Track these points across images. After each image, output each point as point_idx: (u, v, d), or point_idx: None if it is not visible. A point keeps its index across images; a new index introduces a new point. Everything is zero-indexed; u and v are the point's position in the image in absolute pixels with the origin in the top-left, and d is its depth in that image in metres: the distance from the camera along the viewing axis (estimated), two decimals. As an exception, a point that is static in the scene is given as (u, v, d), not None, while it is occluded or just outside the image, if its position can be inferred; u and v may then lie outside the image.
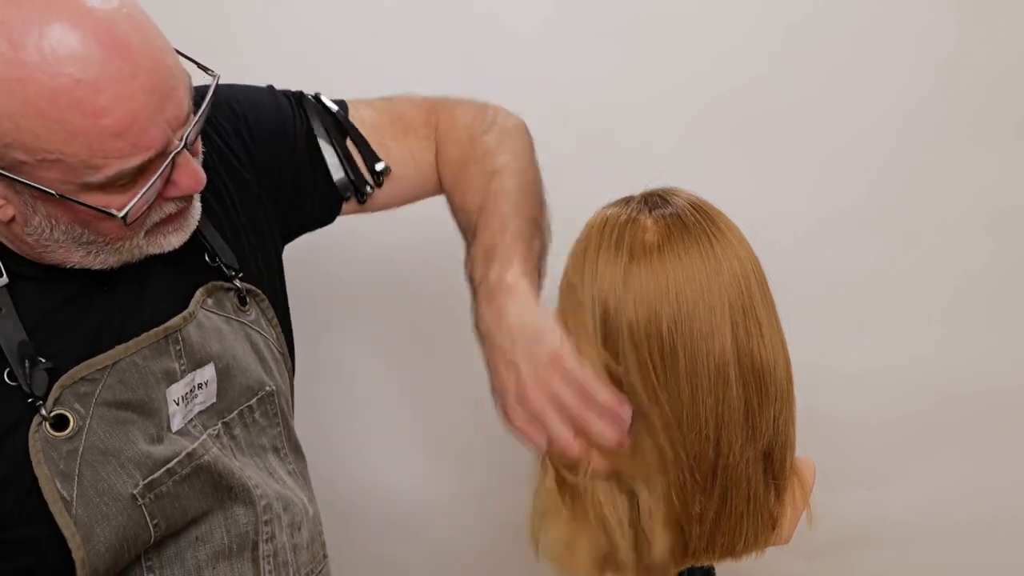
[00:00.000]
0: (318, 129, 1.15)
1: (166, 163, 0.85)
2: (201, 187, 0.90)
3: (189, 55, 0.89)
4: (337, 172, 1.15)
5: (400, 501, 1.69)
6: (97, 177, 0.83)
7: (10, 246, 0.90)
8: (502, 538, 1.68)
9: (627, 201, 0.94)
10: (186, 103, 0.87)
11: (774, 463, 0.91)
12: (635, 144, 1.50)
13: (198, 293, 1.01)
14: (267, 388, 1.07)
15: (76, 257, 0.90)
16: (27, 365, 0.88)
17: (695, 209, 0.90)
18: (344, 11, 1.46)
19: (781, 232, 1.45)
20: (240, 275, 1.05)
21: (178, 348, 0.98)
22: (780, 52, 1.48)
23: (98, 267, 0.91)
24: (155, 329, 0.97)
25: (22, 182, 0.82)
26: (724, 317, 0.86)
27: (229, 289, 1.04)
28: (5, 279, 0.89)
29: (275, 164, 1.11)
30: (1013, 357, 1.59)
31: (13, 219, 0.87)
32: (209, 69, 0.91)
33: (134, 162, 0.83)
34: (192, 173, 0.89)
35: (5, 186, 0.84)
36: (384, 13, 1.47)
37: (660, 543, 0.91)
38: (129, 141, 0.82)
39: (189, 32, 0.95)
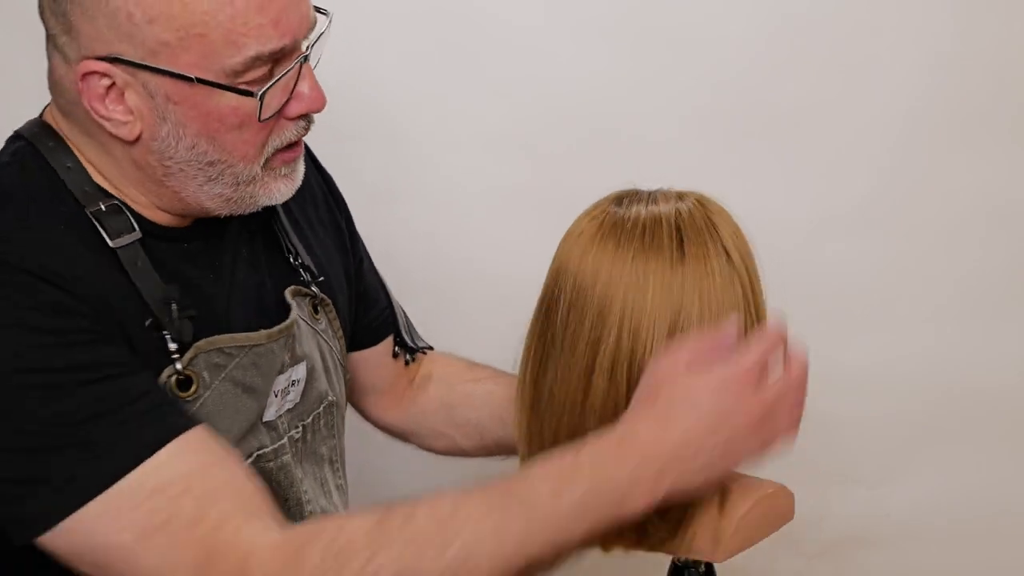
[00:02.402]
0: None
1: (295, 62, 0.87)
2: (323, 106, 0.91)
3: None
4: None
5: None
6: (236, 59, 0.83)
7: (133, 198, 0.91)
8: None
9: (624, 192, 0.95)
10: (312, 12, 0.89)
11: None
12: (635, 144, 1.49)
13: (288, 294, 1.02)
14: (330, 398, 1.08)
15: (193, 185, 0.90)
16: (174, 312, 0.89)
17: (670, 221, 0.90)
18: (344, 11, 1.46)
19: (781, 232, 1.45)
20: (319, 280, 1.06)
21: (290, 342, 0.99)
22: (780, 52, 1.47)
23: (211, 204, 0.92)
24: (287, 321, 0.98)
25: (162, 70, 0.83)
26: (615, 318, 0.87)
27: (306, 295, 1.04)
28: (138, 233, 0.90)
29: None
30: (1014, 357, 1.59)
31: (139, 138, 0.87)
32: (324, 9, 0.92)
33: (271, 45, 0.84)
34: (316, 87, 0.90)
35: (139, 94, 0.85)
36: (384, 13, 1.47)
37: None
38: (270, 18, 0.84)
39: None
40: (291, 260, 1.04)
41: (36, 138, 0.91)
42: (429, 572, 0.76)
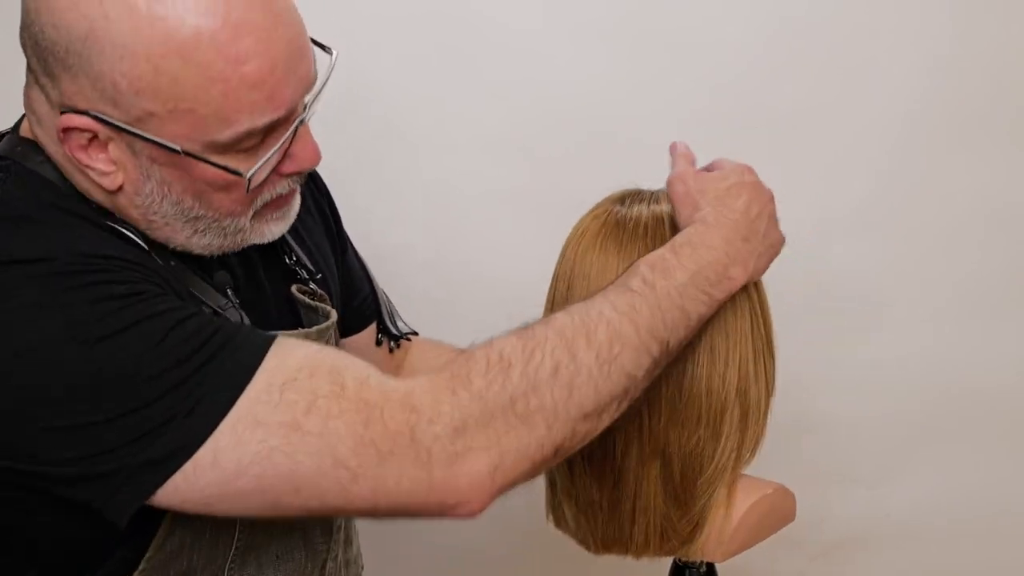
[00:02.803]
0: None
1: (291, 130, 0.83)
2: (318, 163, 0.88)
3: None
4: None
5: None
6: (225, 134, 0.80)
7: (117, 212, 0.87)
8: (512, 538, 1.68)
9: (626, 192, 0.95)
10: (314, 69, 0.85)
11: (674, 477, 0.91)
12: (633, 147, 1.49)
13: (295, 292, 1.00)
14: None
15: (181, 236, 0.87)
16: (231, 296, 0.89)
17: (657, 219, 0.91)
18: (344, 11, 1.46)
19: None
20: (318, 277, 1.04)
21: (330, 342, 0.98)
22: (779, 55, 1.48)
23: (199, 251, 0.89)
24: (329, 321, 0.98)
25: (146, 138, 0.79)
26: None
27: (305, 292, 1.02)
28: (145, 246, 0.87)
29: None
30: (1013, 357, 1.59)
31: (121, 188, 0.84)
32: (327, 47, 0.89)
33: (264, 119, 0.81)
34: (312, 147, 0.87)
35: (122, 150, 0.81)
36: (382, 16, 1.47)
37: (568, 514, 0.96)
38: (264, 94, 0.80)
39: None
40: (287, 260, 1.03)
41: (21, 156, 0.86)
42: (583, 359, 0.79)
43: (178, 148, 0.80)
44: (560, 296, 0.92)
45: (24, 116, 0.89)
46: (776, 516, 0.99)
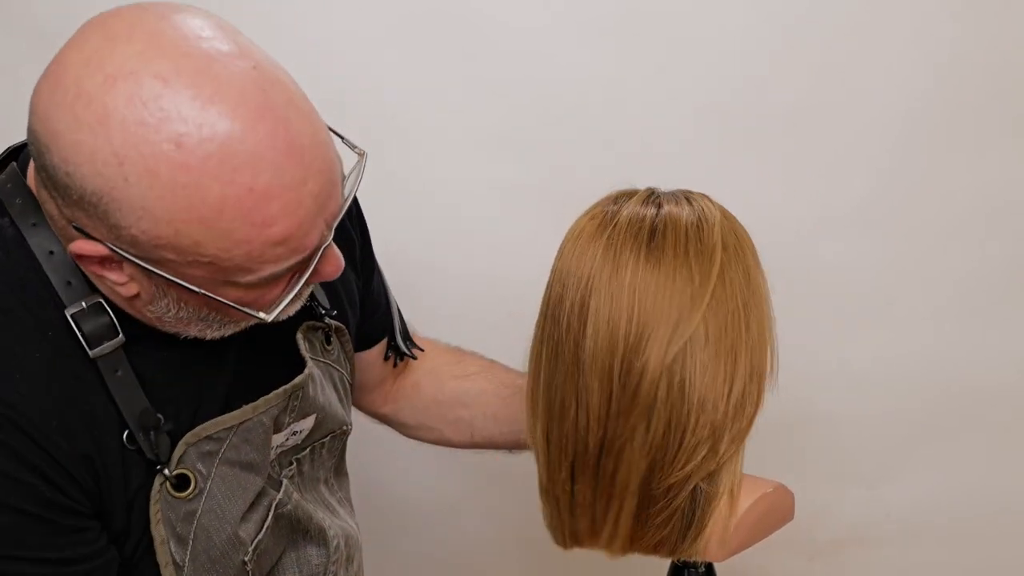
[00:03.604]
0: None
1: (315, 259, 0.80)
2: (339, 273, 0.85)
3: (337, 131, 0.83)
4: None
5: (408, 501, 1.70)
6: (247, 279, 0.78)
7: (128, 311, 0.85)
8: (510, 539, 1.68)
9: (626, 192, 0.95)
10: (342, 196, 0.82)
11: (652, 481, 0.91)
12: (634, 145, 1.50)
13: (300, 340, 0.98)
14: (345, 427, 1.06)
15: (194, 331, 0.85)
16: (151, 433, 0.84)
17: (652, 220, 0.90)
18: (345, 11, 1.46)
19: (781, 232, 1.45)
20: (333, 313, 1.02)
21: (295, 403, 0.96)
22: (779, 53, 1.47)
23: (212, 338, 0.87)
24: (284, 387, 0.93)
25: (164, 277, 0.77)
26: (618, 324, 0.88)
27: (318, 328, 1.01)
28: (122, 338, 0.83)
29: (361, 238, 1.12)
30: (1013, 355, 1.59)
31: (137, 296, 0.81)
32: (356, 147, 0.85)
33: (287, 264, 0.78)
34: (335, 262, 0.84)
35: (137, 270, 0.78)
36: (384, 13, 1.47)
37: (544, 511, 0.97)
38: (290, 247, 0.77)
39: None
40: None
41: (17, 212, 0.82)
42: None
43: (196, 289, 0.78)
44: (555, 297, 0.92)
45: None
46: (776, 515, 0.99)
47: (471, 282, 1.57)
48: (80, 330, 0.81)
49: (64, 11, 0.95)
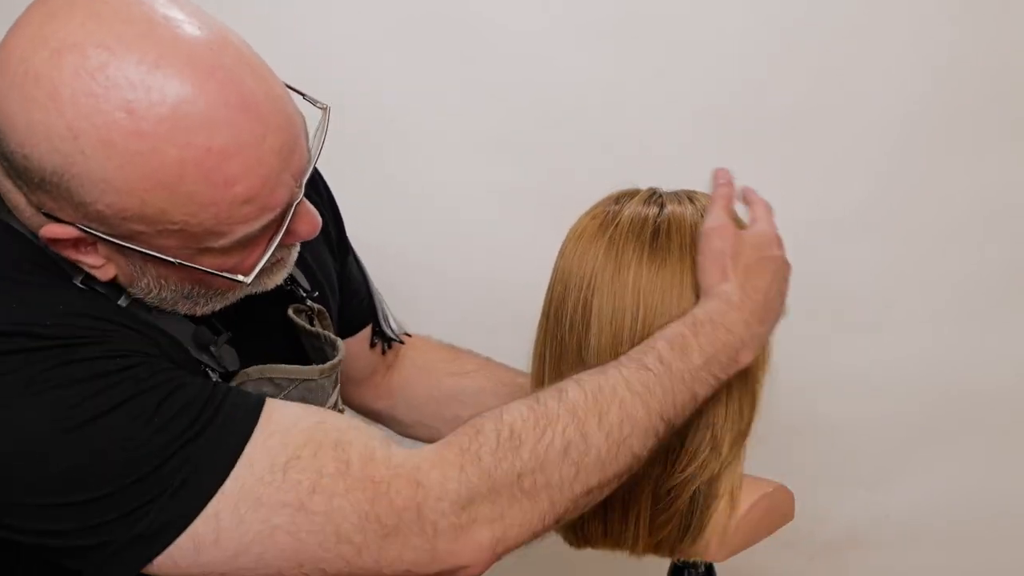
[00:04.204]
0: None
1: (288, 217, 0.80)
2: (318, 231, 0.85)
3: (296, 87, 0.82)
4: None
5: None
6: (220, 242, 0.77)
7: None
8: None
9: (628, 192, 0.96)
10: (307, 150, 0.81)
11: (655, 482, 0.92)
12: (633, 147, 1.50)
13: (293, 316, 0.98)
14: (339, 408, 1.05)
15: (182, 308, 0.85)
16: (212, 349, 0.85)
17: (654, 220, 0.90)
18: (344, 14, 1.46)
19: (781, 233, 1.45)
20: (315, 295, 1.02)
21: (337, 376, 0.97)
22: (778, 56, 1.48)
23: (200, 313, 0.86)
24: (338, 357, 0.95)
25: (136, 250, 0.76)
26: (609, 316, 0.89)
27: (301, 311, 1.01)
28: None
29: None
30: (1012, 358, 1.59)
31: (115, 278, 0.80)
32: (318, 102, 0.84)
33: (259, 224, 0.78)
34: (310, 219, 0.84)
35: (111, 250, 0.78)
36: (383, 16, 1.47)
37: None
38: (258, 205, 0.76)
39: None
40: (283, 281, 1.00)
41: None
42: (594, 440, 0.80)
43: (172, 260, 0.77)
44: (558, 297, 0.92)
45: None
46: (776, 515, 0.99)
47: (470, 285, 1.57)
48: (96, 290, 0.81)
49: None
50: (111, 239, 0.76)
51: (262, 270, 0.84)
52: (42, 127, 0.71)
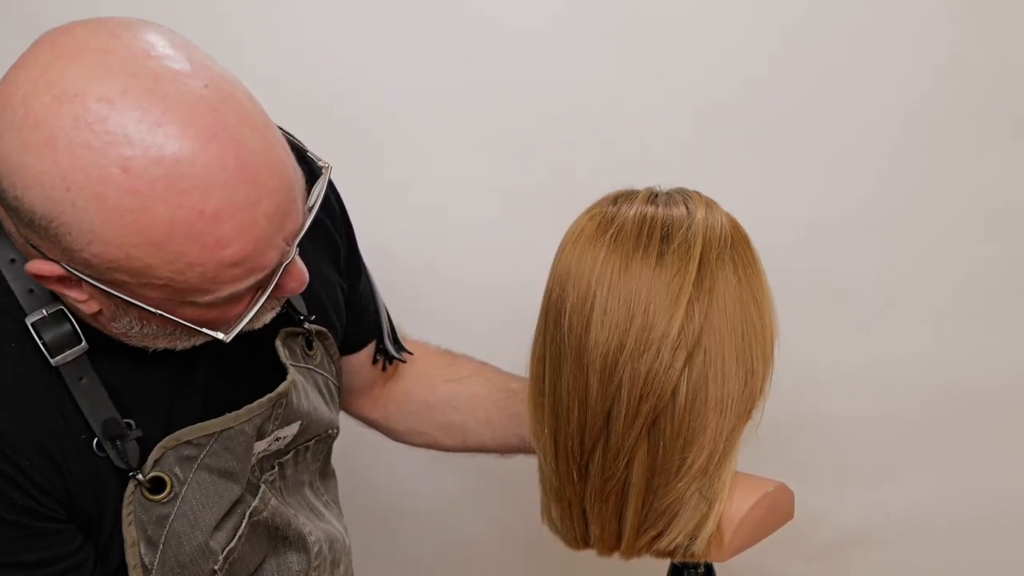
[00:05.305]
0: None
1: (276, 276, 0.79)
2: (304, 287, 0.83)
3: (298, 142, 0.81)
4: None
5: (398, 502, 1.70)
6: (205, 299, 0.76)
7: (93, 325, 0.84)
8: (504, 539, 1.68)
9: (623, 193, 0.95)
10: (302, 214, 0.79)
11: (656, 482, 0.91)
12: (634, 146, 1.50)
13: (279, 347, 0.97)
14: (331, 431, 1.05)
15: (162, 344, 0.84)
16: (118, 442, 0.83)
17: (652, 219, 0.90)
18: (344, 12, 1.46)
19: (781, 233, 1.45)
20: (312, 318, 1.01)
21: (279, 411, 0.95)
22: (779, 55, 1.47)
23: (183, 348, 0.85)
24: (269, 396, 0.92)
25: (121, 298, 0.76)
26: (602, 316, 0.88)
27: (298, 334, 1.00)
28: (84, 345, 0.82)
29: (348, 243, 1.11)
30: (1012, 356, 1.59)
31: (100, 312, 0.80)
32: (320, 160, 0.82)
33: (246, 284, 0.77)
34: (298, 276, 0.82)
35: (97, 291, 0.76)
36: (384, 14, 1.47)
37: (553, 513, 0.97)
38: (246, 268, 0.75)
39: (188, 33, 0.94)
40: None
41: None
42: None
43: (153, 310, 0.76)
44: (556, 299, 0.92)
45: None
46: (777, 514, 0.99)
47: (470, 283, 1.57)
48: (41, 338, 0.80)
49: (64, 13, 0.95)
50: (95, 283, 0.75)
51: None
52: (35, 172, 0.70)
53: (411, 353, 1.22)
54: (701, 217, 0.91)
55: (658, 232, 0.89)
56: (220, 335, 0.79)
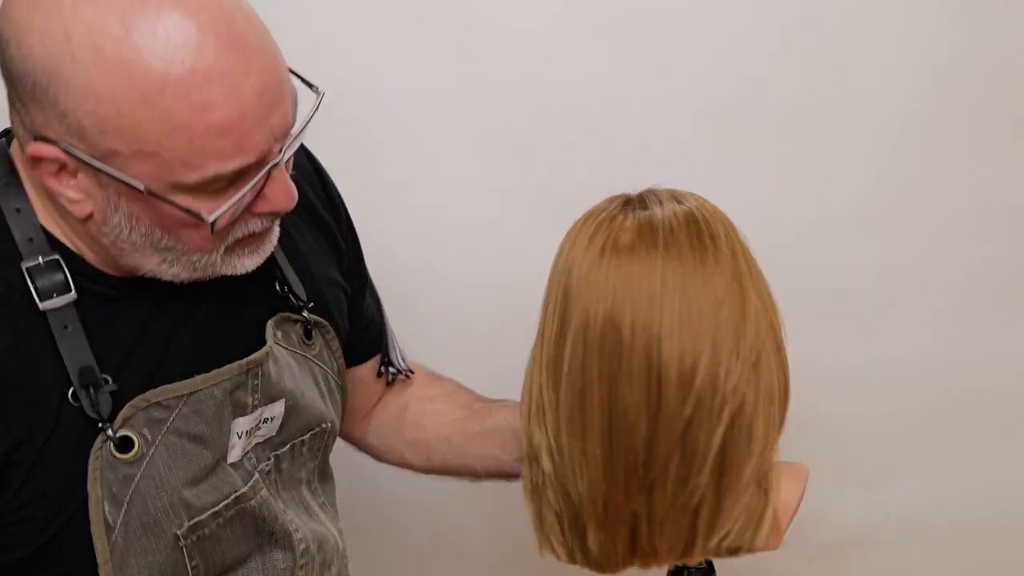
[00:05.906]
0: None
1: (262, 173, 0.82)
2: (293, 205, 0.86)
3: (294, 69, 0.85)
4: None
5: (396, 504, 1.70)
6: (192, 177, 0.79)
7: (84, 249, 0.87)
8: (502, 537, 1.68)
9: (617, 198, 0.95)
10: (291, 115, 0.83)
11: (723, 483, 0.91)
12: (634, 147, 1.50)
13: (269, 326, 0.98)
14: (325, 425, 1.05)
15: (151, 263, 0.86)
16: (91, 391, 0.85)
17: (689, 220, 0.89)
18: (344, 12, 1.46)
19: (780, 234, 1.45)
20: (310, 305, 1.02)
21: (256, 383, 0.96)
22: (779, 55, 1.48)
23: (169, 279, 0.88)
24: (239, 362, 0.93)
25: (111, 175, 0.78)
26: (673, 327, 0.86)
27: (296, 321, 1.01)
28: (73, 294, 0.85)
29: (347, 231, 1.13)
30: (1012, 356, 1.59)
31: (91, 216, 0.83)
32: (314, 85, 0.87)
33: (232, 165, 0.79)
34: (286, 189, 0.85)
35: (90, 180, 0.80)
36: (384, 14, 1.47)
37: (592, 538, 0.93)
38: (232, 141, 0.78)
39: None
40: (278, 288, 1.01)
41: None
42: None
43: (142, 187, 0.78)
44: (604, 316, 0.89)
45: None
46: (793, 481, 1.00)
47: (470, 284, 1.57)
48: (33, 283, 0.84)
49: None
50: (90, 161, 0.78)
51: (233, 249, 0.87)
52: (40, 28, 0.75)
53: (412, 372, 1.22)
54: (700, 207, 0.91)
55: (696, 233, 0.88)
56: (203, 213, 0.81)
